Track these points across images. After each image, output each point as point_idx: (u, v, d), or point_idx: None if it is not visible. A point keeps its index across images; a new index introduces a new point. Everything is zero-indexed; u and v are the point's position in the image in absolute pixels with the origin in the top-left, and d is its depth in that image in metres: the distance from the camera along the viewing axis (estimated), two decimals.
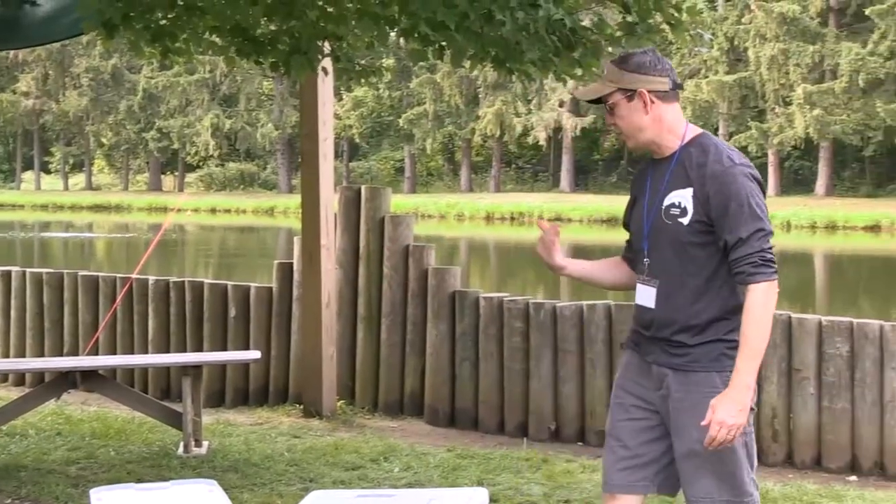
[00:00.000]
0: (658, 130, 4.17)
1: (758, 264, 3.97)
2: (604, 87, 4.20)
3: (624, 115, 4.17)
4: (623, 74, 4.15)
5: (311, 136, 9.20)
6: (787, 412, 8.02)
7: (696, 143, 4.15)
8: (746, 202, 4.01)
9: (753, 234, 4.00)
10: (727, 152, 4.11)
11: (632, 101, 4.14)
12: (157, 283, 10.36)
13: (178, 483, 5.94)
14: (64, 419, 8.81)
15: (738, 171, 4.05)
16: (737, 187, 4.02)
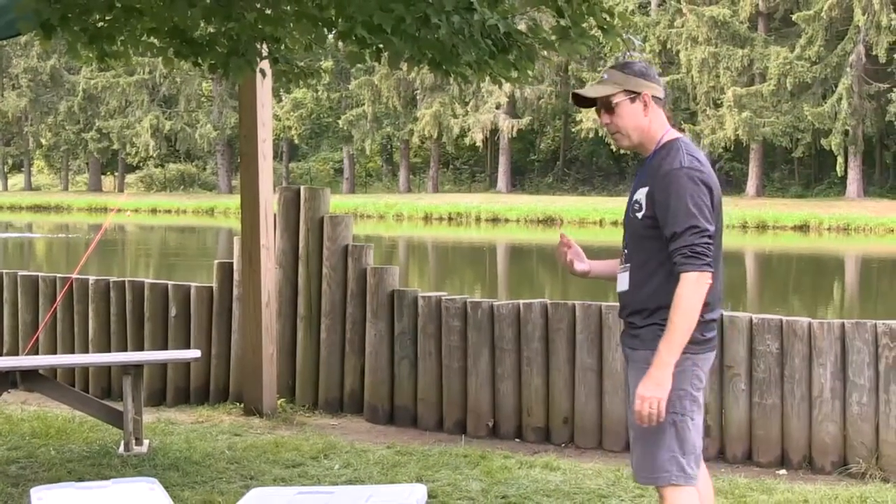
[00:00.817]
0: (649, 132, 4.54)
1: (688, 255, 4.26)
2: (610, 88, 4.52)
3: (625, 114, 4.52)
4: (628, 78, 4.52)
5: (250, 138, 9.16)
6: (719, 408, 8.09)
7: (666, 146, 4.49)
8: (683, 201, 4.30)
9: (687, 230, 4.28)
10: (683, 156, 4.40)
11: (634, 102, 4.51)
12: (97, 283, 10.28)
13: (119, 482, 5.90)
14: (4, 419, 8.72)
15: (684, 174, 4.34)
16: (678, 187, 4.32)
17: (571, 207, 54.21)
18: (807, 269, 32.87)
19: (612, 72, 4.58)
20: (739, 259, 36.56)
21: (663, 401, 4.25)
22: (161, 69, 69.48)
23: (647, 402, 4.25)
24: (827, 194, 59.96)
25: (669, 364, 4.25)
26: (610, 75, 4.57)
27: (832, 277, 30.38)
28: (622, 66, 4.57)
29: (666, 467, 4.35)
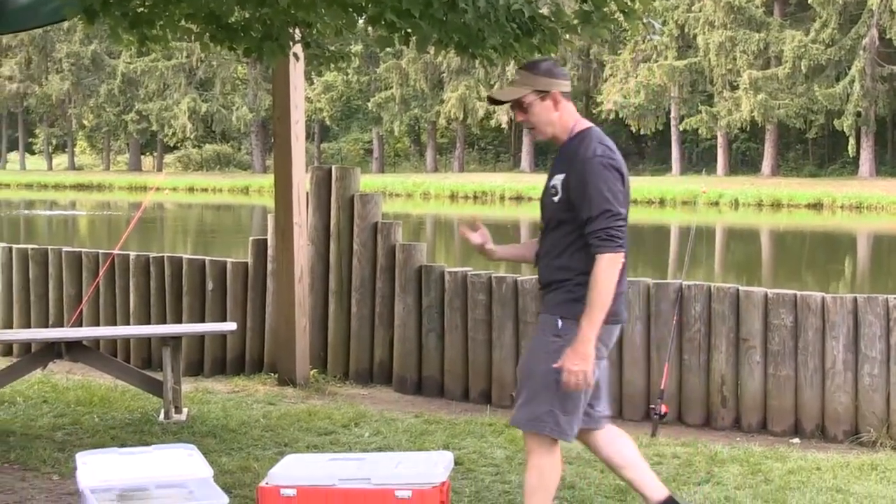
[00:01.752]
0: (561, 124, 4.75)
1: (603, 238, 4.52)
2: (521, 90, 4.74)
3: (537, 112, 4.74)
4: (537, 78, 4.72)
5: (283, 119, 9.17)
6: (734, 379, 8.08)
7: (579, 135, 4.71)
8: (598, 187, 4.54)
9: (601, 214, 4.52)
10: (595, 145, 4.63)
11: (545, 100, 4.72)
12: (137, 259, 10.32)
13: (160, 448, 5.94)
14: (50, 387, 8.77)
15: (597, 161, 4.58)
16: (592, 174, 4.56)
17: None
18: (820, 246, 32.71)
19: (521, 73, 4.78)
20: (755, 236, 36.42)
21: (589, 372, 4.51)
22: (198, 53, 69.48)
23: (573, 374, 4.49)
24: (840, 174, 59.59)
25: (591, 339, 4.50)
26: (520, 76, 4.77)
27: (845, 254, 30.23)
28: (530, 67, 4.76)
29: (544, 418, 4.62)
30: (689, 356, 8.17)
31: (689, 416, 8.21)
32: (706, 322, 8.12)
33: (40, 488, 6.06)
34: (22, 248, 10.96)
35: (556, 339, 4.61)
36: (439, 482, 4.68)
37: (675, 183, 53.93)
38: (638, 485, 5.01)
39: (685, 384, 8.22)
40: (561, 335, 4.60)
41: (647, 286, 8.33)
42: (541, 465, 4.69)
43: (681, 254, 25.94)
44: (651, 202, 50.19)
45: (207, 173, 74.91)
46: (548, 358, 4.59)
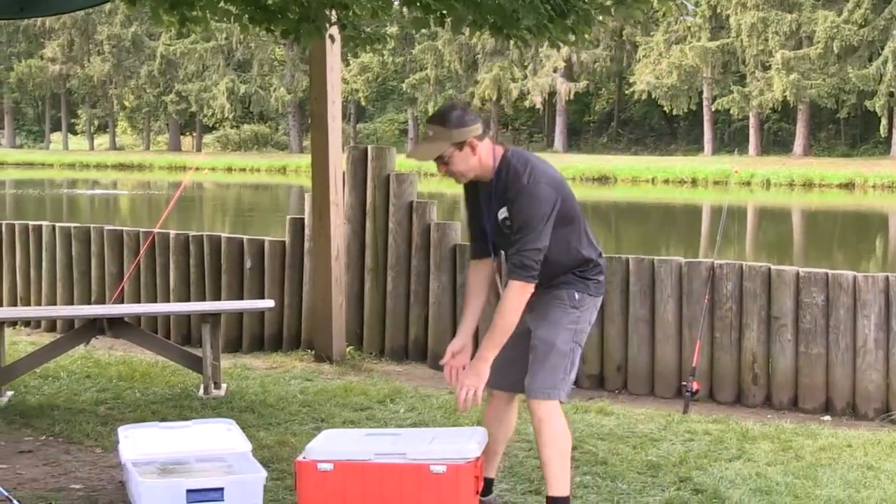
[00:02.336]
0: (482, 166, 4.79)
1: (521, 266, 4.69)
2: (440, 146, 4.74)
3: (457, 162, 4.76)
4: (451, 132, 4.72)
5: (320, 100, 9.17)
6: (766, 357, 8.05)
7: (503, 166, 4.78)
8: (532, 219, 4.67)
9: (528, 248, 4.67)
10: (522, 173, 4.72)
11: (462, 150, 4.74)
12: (177, 237, 10.36)
13: (199, 422, 5.98)
14: (93, 363, 8.84)
15: (527, 192, 4.69)
16: (527, 205, 4.68)
17: (625, 166, 53.80)
18: (852, 226, 32.50)
19: (435, 129, 4.76)
20: (786, 216, 36.22)
21: (480, 388, 4.75)
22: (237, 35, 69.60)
23: (465, 388, 4.74)
24: (872, 153, 59.11)
25: (489, 359, 4.76)
26: (435, 132, 4.76)
27: (876, 233, 30.01)
28: (442, 122, 4.74)
29: (558, 385, 4.82)
30: (720, 334, 8.14)
31: (721, 393, 8.19)
32: (738, 300, 8.09)
33: (84, 461, 6.11)
34: (65, 227, 11.03)
35: (574, 311, 4.87)
36: (473, 458, 4.69)
37: (707, 163, 53.64)
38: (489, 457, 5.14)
39: (717, 362, 8.19)
40: (578, 307, 4.87)
41: (679, 265, 8.30)
42: (555, 432, 4.84)
43: (712, 233, 25.82)
44: (683, 182, 49.96)
45: (245, 153, 75.09)
46: (568, 329, 4.85)
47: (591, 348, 8.53)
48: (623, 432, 6.87)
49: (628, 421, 7.20)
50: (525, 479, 5.77)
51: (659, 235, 29.25)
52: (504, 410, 5.14)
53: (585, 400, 7.97)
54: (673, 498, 5.47)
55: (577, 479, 5.74)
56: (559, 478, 4.87)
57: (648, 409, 7.68)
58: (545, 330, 4.86)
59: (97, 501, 5.36)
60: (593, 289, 4.93)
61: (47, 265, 10.99)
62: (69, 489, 5.56)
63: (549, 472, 4.87)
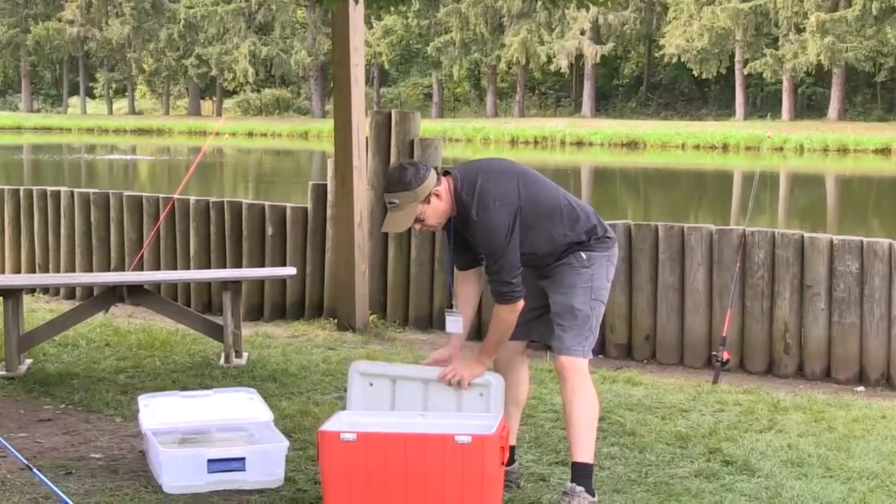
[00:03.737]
0: (448, 205, 4.91)
1: (502, 294, 4.89)
2: (412, 210, 4.85)
3: (430, 216, 4.89)
4: (416, 193, 4.81)
5: (342, 63, 9.15)
6: (798, 326, 8.03)
7: (458, 201, 4.89)
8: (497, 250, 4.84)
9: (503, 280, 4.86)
10: (472, 205, 4.84)
11: (429, 203, 4.85)
12: (197, 203, 10.38)
13: (220, 391, 6.02)
14: (112, 331, 8.88)
15: (483, 223, 4.83)
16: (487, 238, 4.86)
17: (654, 131, 53.56)
18: (888, 192, 32.30)
19: (400, 196, 4.83)
20: (820, 182, 36.02)
21: (465, 381, 4.99)
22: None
23: (454, 373, 5.01)
24: None
25: (485, 364, 5.05)
26: (401, 199, 4.83)
27: None
28: (403, 185, 4.81)
29: (584, 343, 5.02)
30: (751, 303, 8.12)
31: (752, 363, 8.17)
32: (770, 269, 8.06)
33: (103, 430, 6.15)
34: (84, 193, 11.07)
35: (586, 270, 5.04)
36: (499, 428, 4.70)
37: (739, 128, 53.34)
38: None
39: (748, 331, 8.18)
40: (589, 265, 5.05)
41: (709, 232, 8.27)
42: (590, 395, 5.00)
43: (744, 200, 25.73)
44: (714, 147, 49.73)
45: (266, 118, 75.10)
46: (584, 290, 5.03)
47: (620, 317, 8.53)
48: (651, 403, 6.87)
49: (657, 391, 7.20)
50: (551, 449, 5.78)
51: (689, 202, 29.16)
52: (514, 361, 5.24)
53: (613, 370, 7.97)
54: (702, 469, 5.47)
55: (604, 450, 5.75)
56: (587, 443, 4.93)
57: (677, 380, 7.68)
58: (562, 295, 5.03)
59: (117, 471, 5.39)
60: (599, 247, 5.09)
61: (66, 231, 11.04)
62: (89, 458, 5.60)
63: (577, 437, 4.93)
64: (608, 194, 31.29)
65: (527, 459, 5.59)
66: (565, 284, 5.02)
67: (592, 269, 5.05)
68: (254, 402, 5.74)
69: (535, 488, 5.22)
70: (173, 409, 5.64)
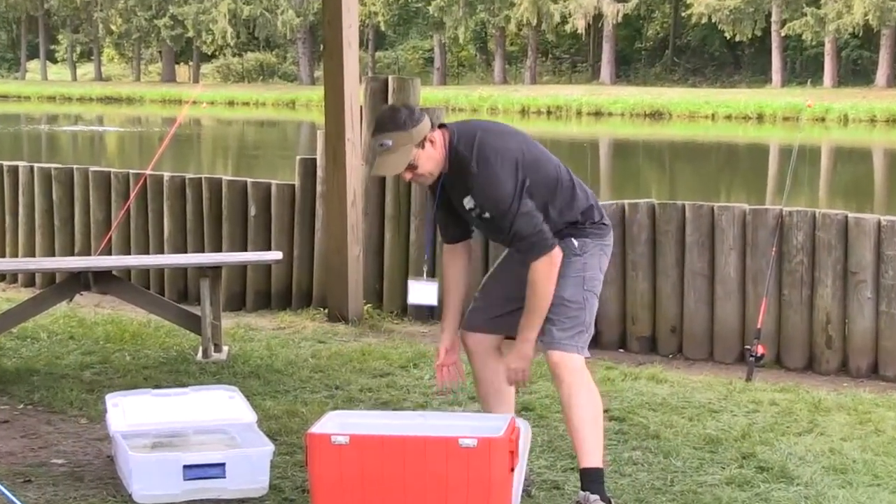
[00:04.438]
0: (441, 157, 4.93)
1: (533, 246, 4.90)
2: (406, 153, 4.84)
3: (424, 162, 4.89)
4: (411, 133, 4.82)
5: (334, 24, 9.14)
6: (841, 317, 8.02)
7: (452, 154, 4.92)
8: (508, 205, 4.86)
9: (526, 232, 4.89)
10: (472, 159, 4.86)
11: (424, 148, 4.85)
12: (172, 180, 10.38)
13: (198, 389, 6.02)
14: (77, 322, 8.89)
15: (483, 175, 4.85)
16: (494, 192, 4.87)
17: (681, 100, 53.53)
18: None
19: (393, 136, 4.83)
20: (866, 156, 36.00)
21: (527, 369, 5.11)
22: None
23: (515, 373, 5.13)
24: None
25: (532, 340, 5.05)
26: (395, 140, 4.83)
27: None
28: (397, 125, 4.82)
29: (577, 338, 5.05)
30: (789, 291, 8.11)
31: (790, 358, 8.18)
32: (809, 253, 8.05)
33: (67, 433, 6.16)
34: (45, 168, 11.06)
35: (577, 258, 5.06)
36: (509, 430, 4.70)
37: (776, 96, 53.33)
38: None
39: (785, 322, 8.17)
40: (581, 253, 5.07)
41: (742, 212, 8.27)
42: (590, 394, 5.05)
43: (781, 176, 25.71)
44: (748, 118, 49.71)
45: (249, 85, 75.12)
46: (575, 280, 5.05)
47: (642, 307, 8.53)
48: (678, 402, 6.87)
49: (684, 389, 7.20)
50: (566, 454, 5.78)
51: (719, 179, 29.15)
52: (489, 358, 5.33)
53: (635, 366, 7.98)
54: (734, 476, 5.48)
55: (625, 455, 5.76)
56: (594, 446, 4.98)
57: (706, 376, 7.68)
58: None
59: (82, 478, 5.40)
60: (591, 230, 5.11)
61: (25, 211, 11.04)
62: (50, 464, 5.61)
63: (582, 441, 4.98)
64: (629, 170, 31.29)
65: (539, 465, 5.60)
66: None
67: (584, 257, 5.08)
68: (235, 402, 5.74)
69: (548, 497, 5.23)
70: (145, 409, 5.65)
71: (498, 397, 5.32)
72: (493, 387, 5.29)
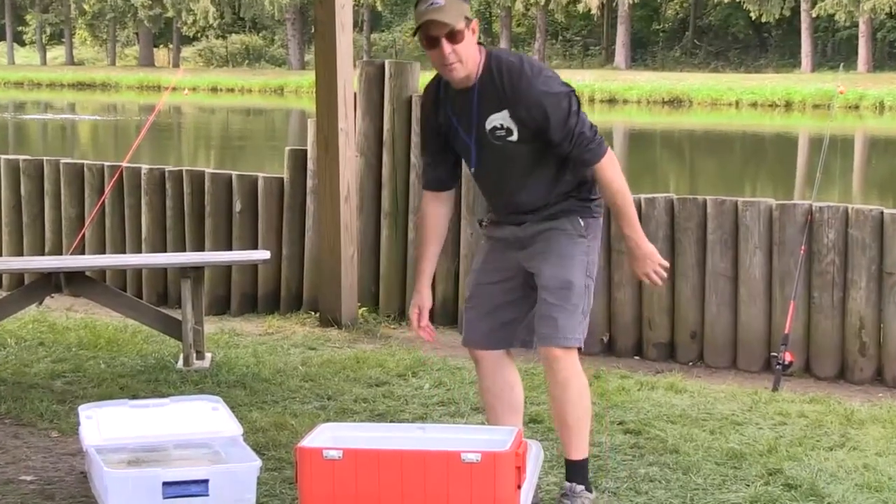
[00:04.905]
0: (476, 58, 4.91)
1: (591, 145, 4.95)
2: (460, 14, 4.78)
3: (467, 45, 4.83)
4: (463, 4, 4.81)
5: (326, 3, 9.14)
6: (876, 322, 8.03)
7: (493, 63, 4.90)
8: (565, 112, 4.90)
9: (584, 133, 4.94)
10: (523, 65, 4.88)
11: (468, 28, 4.81)
12: (150, 173, 10.39)
13: (178, 400, 6.02)
14: (47, 327, 8.89)
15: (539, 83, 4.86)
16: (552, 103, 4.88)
17: (702, 86, 53.51)
18: None
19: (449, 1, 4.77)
20: None
21: (657, 260, 5.16)
22: None
23: (655, 274, 5.17)
24: None
25: (644, 239, 5.16)
26: (450, 4, 4.76)
27: None
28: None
29: (578, 329, 5.07)
30: (819, 293, 8.12)
31: (820, 366, 8.18)
32: (842, 252, 8.06)
33: (36, 447, 6.16)
34: (12, 160, 11.06)
35: (583, 240, 5.11)
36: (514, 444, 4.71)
37: (805, 81, 53.31)
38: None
39: (815, 328, 8.18)
40: (586, 235, 5.12)
41: (769, 208, 8.27)
42: (583, 388, 5.13)
43: (811, 169, 25.71)
44: (775, 105, 49.69)
45: (234, 70, 75.13)
46: (581, 262, 5.08)
47: (660, 310, 8.54)
48: (698, 414, 6.88)
49: (705, 400, 7.20)
50: None
51: (744, 171, 29.15)
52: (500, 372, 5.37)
53: (653, 374, 7.98)
54: (760, 494, 5.48)
55: (641, 471, 5.77)
56: (584, 438, 5.16)
57: (729, 386, 7.68)
58: (556, 267, 5.06)
59: (53, 496, 5.40)
60: (595, 210, 5.19)
61: None
62: (18, 481, 5.61)
63: (572, 436, 5.14)
64: (646, 161, 31.28)
65: (547, 482, 5.60)
66: (560, 254, 5.08)
67: (588, 240, 5.13)
68: (219, 413, 5.74)
69: None
70: (121, 421, 5.65)
71: (506, 407, 5.36)
72: (502, 396, 5.34)
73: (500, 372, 5.35)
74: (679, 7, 73.93)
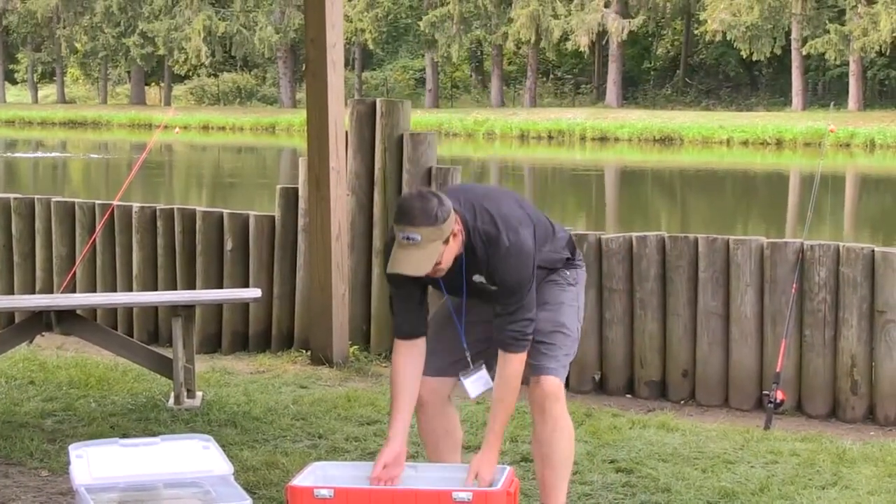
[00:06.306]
0: (460, 245, 4.91)
1: (517, 339, 4.99)
2: (434, 250, 4.76)
3: (448, 258, 4.85)
4: (442, 228, 4.73)
5: (317, 42, 9.17)
6: (868, 360, 8.03)
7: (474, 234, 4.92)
8: (516, 285, 4.95)
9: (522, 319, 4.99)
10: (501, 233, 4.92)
11: (448, 243, 4.80)
12: (142, 211, 10.39)
13: (169, 439, 6.00)
14: (38, 366, 8.87)
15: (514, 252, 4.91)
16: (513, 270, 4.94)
17: (693, 124, 53.64)
18: None
19: (423, 231, 4.70)
20: (893, 186, 36.05)
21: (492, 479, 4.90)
22: None
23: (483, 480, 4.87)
24: None
25: (498, 447, 5.08)
26: (424, 236, 4.71)
27: None
28: (429, 219, 4.69)
29: (564, 363, 5.23)
30: (811, 332, 8.13)
31: (811, 405, 8.18)
32: (833, 290, 8.07)
33: (26, 486, 6.15)
34: (3, 198, 11.07)
35: (572, 287, 5.36)
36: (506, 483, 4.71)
37: (796, 120, 53.46)
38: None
39: (806, 366, 8.18)
40: (574, 283, 5.37)
41: (760, 246, 8.29)
42: (570, 429, 5.27)
43: (802, 207, 25.76)
44: (766, 144, 49.82)
45: (225, 108, 75.22)
46: (572, 309, 5.31)
47: (652, 349, 8.54)
48: (690, 452, 6.87)
49: (696, 438, 7.20)
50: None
51: (735, 210, 29.20)
52: (443, 405, 5.37)
53: (644, 412, 7.98)
54: None
55: None
56: (563, 486, 5.24)
57: (721, 425, 7.68)
58: (550, 311, 5.23)
59: None
60: (578, 262, 5.44)
61: None
62: None
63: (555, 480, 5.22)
64: (638, 200, 31.35)
65: None
66: (553, 301, 5.26)
67: (577, 287, 5.38)
68: (210, 452, 5.73)
69: None
70: (112, 460, 5.64)
71: (449, 442, 5.41)
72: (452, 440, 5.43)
73: (442, 413, 5.39)
74: (670, 45, 74.14)
